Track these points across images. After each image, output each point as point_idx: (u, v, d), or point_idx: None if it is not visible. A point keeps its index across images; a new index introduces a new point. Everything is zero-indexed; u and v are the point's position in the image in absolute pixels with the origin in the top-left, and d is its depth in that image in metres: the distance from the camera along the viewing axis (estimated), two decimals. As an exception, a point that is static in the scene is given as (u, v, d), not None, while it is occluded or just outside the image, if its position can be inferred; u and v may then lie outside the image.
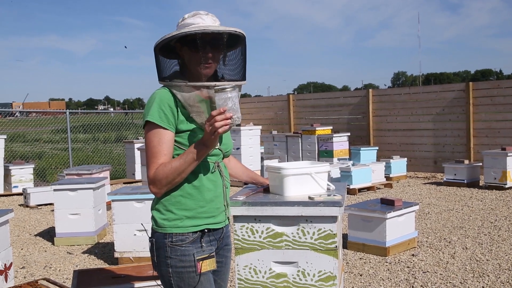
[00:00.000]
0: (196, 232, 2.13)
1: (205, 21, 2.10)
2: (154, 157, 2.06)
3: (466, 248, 5.53)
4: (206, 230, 2.16)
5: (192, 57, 2.11)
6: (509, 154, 9.06)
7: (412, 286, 4.43)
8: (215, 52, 2.12)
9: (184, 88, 2.08)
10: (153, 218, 2.18)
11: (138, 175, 11.35)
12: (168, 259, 2.11)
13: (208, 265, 2.15)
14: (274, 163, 10.07)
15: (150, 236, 2.20)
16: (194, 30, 2.03)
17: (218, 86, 2.00)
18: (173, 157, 2.12)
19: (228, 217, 2.28)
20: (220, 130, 1.95)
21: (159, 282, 2.23)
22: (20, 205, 9.27)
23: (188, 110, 2.10)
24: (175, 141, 2.11)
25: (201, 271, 2.13)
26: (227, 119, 1.95)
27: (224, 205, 2.23)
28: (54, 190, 6.29)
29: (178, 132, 2.11)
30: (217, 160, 2.20)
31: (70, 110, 13.50)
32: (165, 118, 2.07)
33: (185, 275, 2.11)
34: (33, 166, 11.09)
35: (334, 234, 2.32)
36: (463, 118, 11.37)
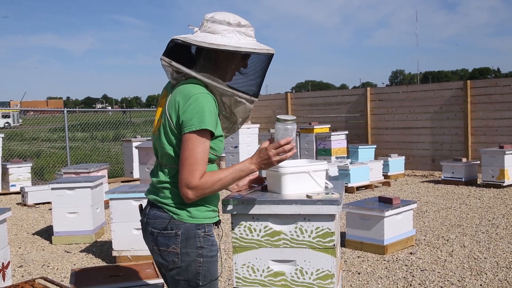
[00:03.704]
0: (214, 223, 2.27)
1: (254, 36, 2.24)
2: (199, 164, 2.08)
3: (464, 246, 5.54)
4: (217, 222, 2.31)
5: (237, 66, 2.24)
6: (507, 152, 9.07)
7: (410, 284, 4.43)
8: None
9: (248, 100, 2.22)
10: (181, 210, 2.17)
11: (136, 174, 11.34)
12: (201, 249, 2.17)
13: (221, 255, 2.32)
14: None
15: (168, 229, 2.17)
16: (273, 52, 2.20)
17: (281, 117, 2.14)
18: None
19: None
20: (286, 159, 2.14)
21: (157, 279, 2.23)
22: (17, 203, 9.26)
23: (228, 115, 2.25)
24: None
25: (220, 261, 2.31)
26: (293, 148, 2.11)
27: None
28: (52, 188, 6.29)
29: (213, 138, 2.17)
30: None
31: (68, 109, 13.48)
32: (215, 125, 2.12)
33: (212, 264, 2.22)
34: (31, 164, 11.08)
35: (332, 232, 2.32)
36: (461, 116, 11.38)
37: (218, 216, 2.32)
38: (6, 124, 31.65)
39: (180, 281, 2.19)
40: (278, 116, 2.14)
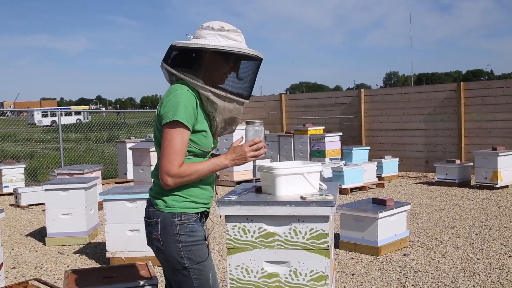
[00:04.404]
0: (197, 213, 2.38)
1: (242, 41, 2.38)
2: (177, 154, 2.25)
3: (457, 247, 5.56)
4: (204, 213, 2.43)
5: (222, 67, 2.35)
6: (499, 154, 9.12)
7: (404, 286, 4.44)
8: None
9: (225, 98, 2.34)
10: (158, 199, 2.35)
11: (130, 175, 11.30)
12: (178, 235, 2.31)
13: (209, 243, 2.41)
14: (266, 163, 10.07)
15: (150, 217, 2.37)
16: (257, 54, 2.36)
17: (251, 121, 2.43)
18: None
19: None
20: (260, 157, 2.37)
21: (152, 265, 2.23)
22: (11, 205, 9.22)
23: (218, 115, 2.35)
24: (190, 139, 2.31)
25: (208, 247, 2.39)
26: (264, 147, 2.37)
27: (215, 194, 2.53)
28: (46, 190, 6.26)
29: (193, 131, 2.32)
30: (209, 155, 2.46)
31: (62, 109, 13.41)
32: (190, 120, 2.27)
33: (194, 248, 2.33)
34: (24, 165, 11.02)
35: (326, 233, 2.33)
36: (455, 118, 11.42)
37: (206, 207, 2.42)
38: (78, 121, 33.16)
39: (168, 265, 2.37)
40: (247, 120, 2.43)
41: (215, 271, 2.45)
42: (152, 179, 2.44)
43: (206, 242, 2.39)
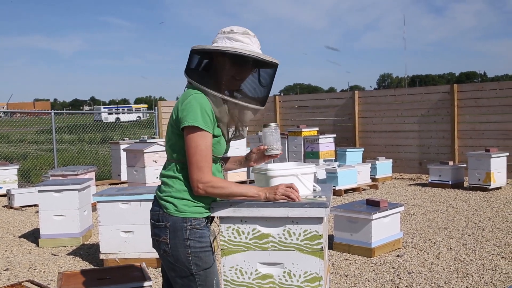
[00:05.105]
0: (206, 217, 2.38)
1: (252, 44, 2.36)
2: (206, 160, 2.28)
3: (450, 248, 5.58)
4: (211, 217, 2.43)
5: (229, 70, 2.32)
6: (492, 156, 9.16)
7: (397, 287, 4.46)
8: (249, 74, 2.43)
9: (235, 105, 2.34)
10: (168, 203, 2.35)
11: (124, 176, 11.27)
12: (187, 240, 2.32)
13: (216, 246, 2.43)
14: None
15: (159, 220, 2.36)
16: (265, 58, 2.34)
17: (267, 124, 2.51)
18: None
19: None
20: (289, 198, 2.33)
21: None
22: (4, 206, 9.17)
23: (224, 120, 2.35)
24: None
25: (214, 251, 2.41)
26: (298, 198, 2.34)
27: None
28: (39, 191, 6.24)
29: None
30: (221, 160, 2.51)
31: (55, 111, 13.39)
32: (209, 123, 2.29)
33: (202, 254, 2.34)
34: (18, 167, 10.98)
35: (320, 235, 2.34)
36: (448, 119, 11.46)
37: (210, 212, 2.40)
38: (138, 118, 34.47)
39: (174, 269, 2.36)
40: (264, 124, 2.50)
41: (219, 278, 2.45)
42: (161, 179, 2.43)
43: (212, 247, 2.39)
